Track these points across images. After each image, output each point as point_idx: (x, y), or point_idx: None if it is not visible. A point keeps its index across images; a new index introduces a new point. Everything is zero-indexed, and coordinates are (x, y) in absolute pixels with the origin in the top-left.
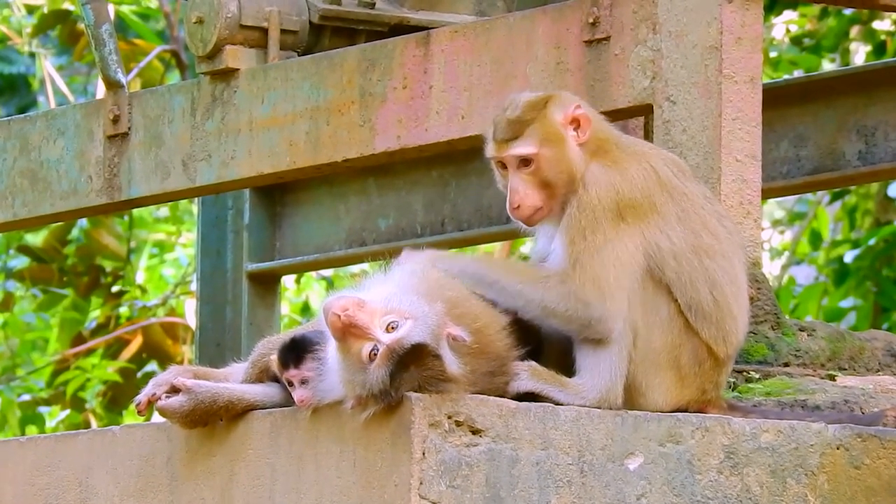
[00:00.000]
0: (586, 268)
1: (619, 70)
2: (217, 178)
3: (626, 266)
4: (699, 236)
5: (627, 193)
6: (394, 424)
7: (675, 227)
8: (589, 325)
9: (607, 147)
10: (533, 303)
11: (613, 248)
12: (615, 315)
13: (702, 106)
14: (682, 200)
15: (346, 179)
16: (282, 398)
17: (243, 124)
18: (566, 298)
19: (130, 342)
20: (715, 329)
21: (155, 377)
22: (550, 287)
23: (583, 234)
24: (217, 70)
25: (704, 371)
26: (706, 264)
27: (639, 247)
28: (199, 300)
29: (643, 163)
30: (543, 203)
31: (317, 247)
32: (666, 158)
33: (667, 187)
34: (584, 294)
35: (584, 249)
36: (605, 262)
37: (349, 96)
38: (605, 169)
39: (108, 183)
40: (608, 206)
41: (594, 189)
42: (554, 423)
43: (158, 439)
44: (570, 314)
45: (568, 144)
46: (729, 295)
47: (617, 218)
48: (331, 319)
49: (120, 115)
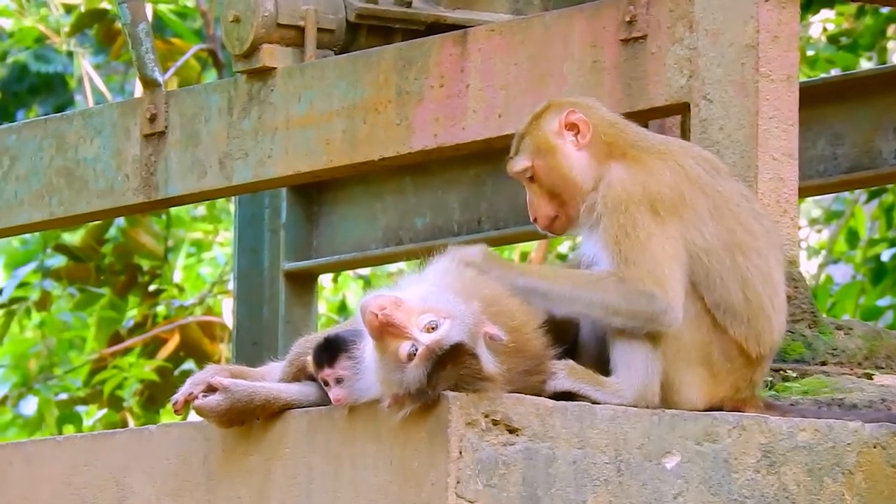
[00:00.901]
0: (639, 263)
1: (656, 68)
2: (254, 177)
3: (675, 258)
4: (733, 232)
5: (655, 188)
6: (431, 423)
7: (707, 222)
8: (654, 317)
9: (623, 147)
10: (594, 305)
11: (659, 241)
12: (678, 305)
13: (738, 104)
14: (714, 196)
15: (383, 178)
16: (319, 397)
17: (280, 123)
18: (628, 295)
19: (167, 341)
20: (746, 327)
21: (192, 376)
22: (609, 287)
23: (624, 232)
24: (254, 69)
25: (736, 368)
26: (739, 262)
27: (680, 240)
28: (236, 299)
29: (668, 160)
30: (557, 212)
31: (353, 245)
32: (697, 156)
33: (697, 183)
34: (646, 287)
35: (631, 246)
36: (656, 254)
37: (386, 95)
38: (628, 167)
39: (144, 182)
40: (640, 201)
41: (620, 186)
42: (591, 422)
43: (195, 438)
44: (635, 309)
45: (562, 152)
46: (762, 293)
47: (652, 212)
48: (368, 318)
49: (157, 114)
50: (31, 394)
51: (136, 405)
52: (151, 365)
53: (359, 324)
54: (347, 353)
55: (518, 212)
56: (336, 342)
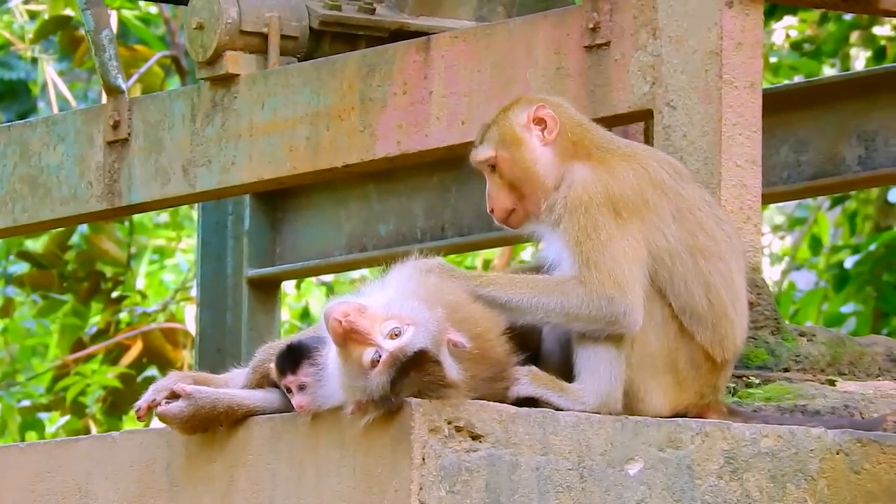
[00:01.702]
0: (600, 265)
1: (620, 75)
2: (217, 184)
3: (636, 259)
4: (695, 236)
5: (618, 190)
6: (394, 430)
7: (670, 225)
8: (615, 321)
9: (588, 148)
10: (554, 311)
11: (620, 243)
12: (638, 307)
13: (702, 111)
14: (677, 200)
15: (347, 185)
16: (282, 404)
17: (243, 130)
18: (588, 299)
19: (130, 348)
20: (711, 333)
21: (155, 383)
22: (569, 292)
23: (585, 234)
24: (217, 76)
25: (702, 375)
26: (701, 265)
27: (641, 242)
28: (200, 305)
29: (632, 163)
30: (515, 205)
31: (317, 252)
32: (660, 159)
33: (660, 186)
34: (605, 291)
35: (591, 248)
36: (616, 256)
37: (349, 102)
38: (591, 168)
39: (108, 188)
40: (601, 203)
41: (581, 187)
42: (554, 429)
43: (158, 445)
44: (595, 314)
45: (528, 145)
46: (725, 298)
47: (614, 214)
48: (332, 325)
49: (120, 121)
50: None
51: (99, 412)
52: (114, 371)
53: (322, 330)
54: (310, 359)
55: (482, 218)
56: (299, 349)
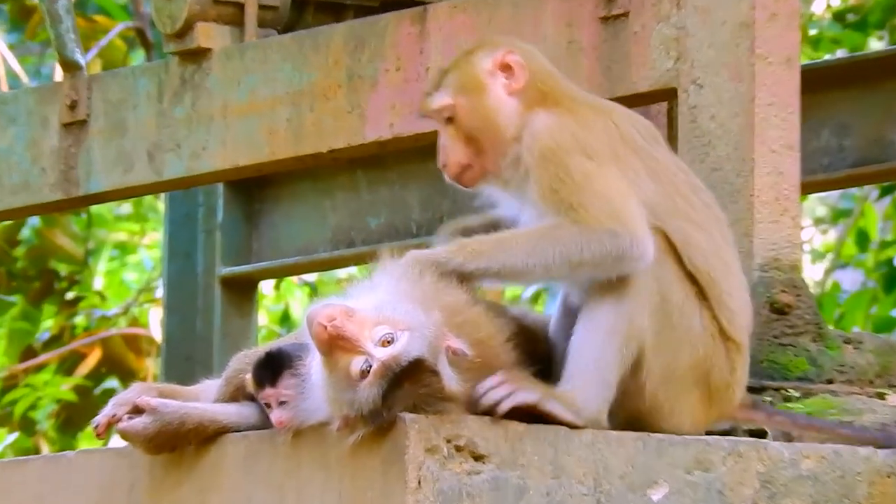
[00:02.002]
0: (586, 204)
1: (640, 50)
2: (187, 172)
3: (627, 195)
4: (673, 200)
5: (584, 139)
6: (385, 449)
7: (647, 182)
8: (623, 255)
9: (557, 98)
10: (554, 265)
11: (602, 179)
12: (643, 236)
13: (732, 90)
14: (649, 161)
15: (333, 173)
16: (259, 420)
17: (216, 111)
18: (587, 240)
19: (87, 356)
20: (716, 309)
21: (115, 396)
22: (562, 237)
23: (559, 180)
24: (187, 50)
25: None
26: (687, 230)
27: (624, 181)
28: (166, 309)
29: (602, 116)
30: (471, 160)
31: (299, 248)
32: (633, 119)
33: (631, 144)
34: (603, 225)
35: (571, 192)
36: (602, 191)
37: (336, 79)
38: (556, 115)
39: (63, 176)
40: (570, 149)
41: (547, 134)
42: (567, 448)
43: (119, 466)
44: (598, 253)
45: (491, 92)
46: (719, 270)
47: (586, 157)
48: (316, 331)
49: (78, 101)
50: None
51: (52, 429)
52: (69, 383)
53: (305, 337)
54: (291, 370)
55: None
56: (279, 358)
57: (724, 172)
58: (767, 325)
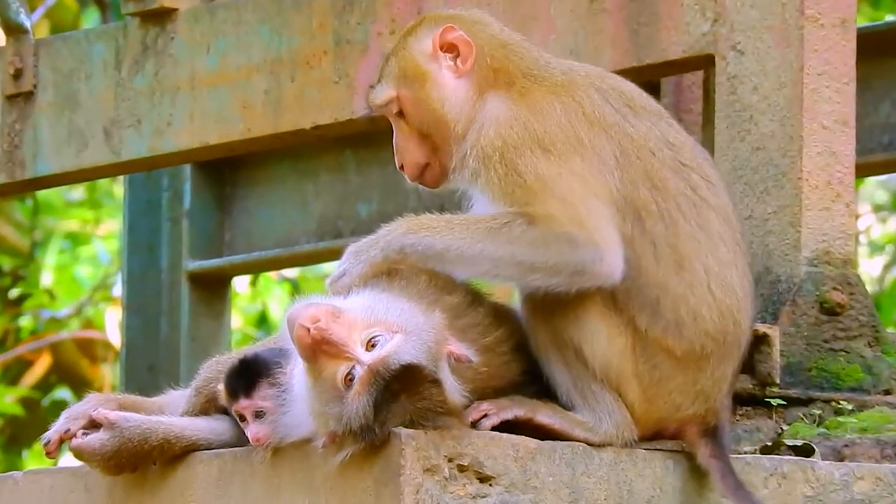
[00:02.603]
0: (542, 207)
1: (671, 10)
2: (149, 151)
3: (593, 193)
4: (636, 188)
5: (540, 128)
6: (378, 469)
7: (613, 171)
8: (582, 268)
9: (512, 76)
10: (503, 261)
11: (563, 178)
12: (611, 247)
13: (778, 57)
14: (621, 139)
15: (316, 152)
16: (233, 436)
17: (183, 81)
18: (542, 241)
19: (35, 363)
20: (660, 318)
21: (68, 408)
22: (516, 235)
23: (511, 181)
24: (149, 10)
25: (665, 378)
26: (647, 227)
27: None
28: (125, 309)
29: (561, 94)
30: (429, 158)
31: (278, 239)
32: (607, 89)
33: (598, 123)
34: (562, 229)
35: (525, 192)
36: (562, 192)
37: (320, 44)
38: (507, 102)
39: (7, 156)
40: (520, 144)
41: (493, 128)
42: (585, 468)
43: (73, 488)
44: (554, 261)
45: (435, 79)
46: (668, 268)
47: (542, 150)
48: (298, 334)
49: (23, 69)
50: None
51: None
52: (13, 394)
53: (285, 341)
54: (270, 379)
55: None
56: (255, 365)
57: (767, 152)
58: (816, 327)
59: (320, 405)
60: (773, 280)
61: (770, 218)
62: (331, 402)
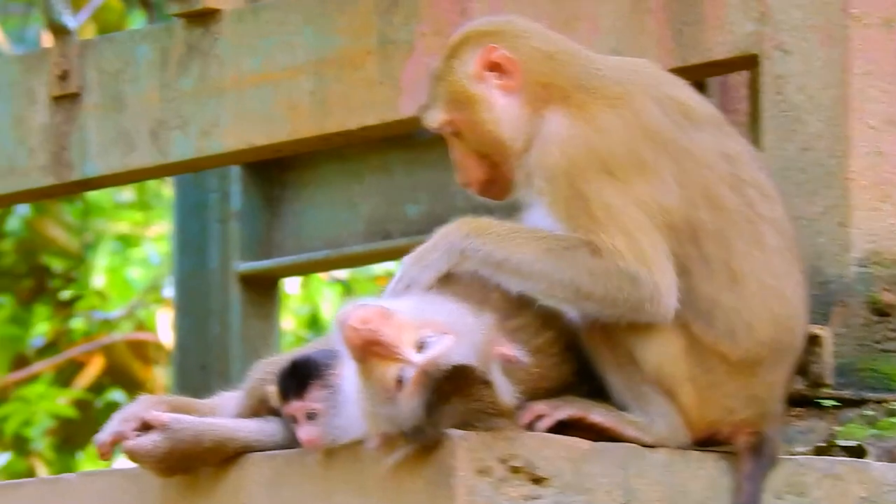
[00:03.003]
0: (607, 238)
1: (716, 10)
2: (196, 152)
3: (655, 227)
4: (695, 208)
5: (604, 146)
6: (430, 471)
7: (674, 191)
8: (639, 306)
9: (564, 89)
10: (561, 284)
11: (627, 209)
12: (669, 288)
13: (823, 57)
14: (679, 155)
15: (363, 153)
16: (284, 437)
17: (228, 82)
18: (605, 275)
19: (87, 365)
20: (717, 324)
21: (121, 410)
22: (580, 262)
23: (576, 206)
24: (193, 11)
25: (720, 381)
26: (706, 251)
27: (653, 204)
28: (176, 310)
29: (620, 107)
30: (491, 174)
31: (327, 241)
32: (663, 97)
33: (657, 138)
34: (627, 266)
35: (591, 222)
36: (626, 225)
37: (365, 45)
38: (568, 120)
39: (54, 158)
40: (586, 167)
41: (558, 149)
42: (638, 469)
43: (127, 490)
44: (613, 296)
45: (485, 102)
46: (723, 283)
47: (607, 174)
48: (347, 335)
49: (69, 71)
50: None
51: (49, 448)
52: (67, 396)
53: (336, 342)
54: (321, 380)
55: None
56: (306, 366)
57: (815, 153)
58: (867, 328)
59: (371, 407)
60: (822, 281)
61: (819, 218)
62: (382, 404)
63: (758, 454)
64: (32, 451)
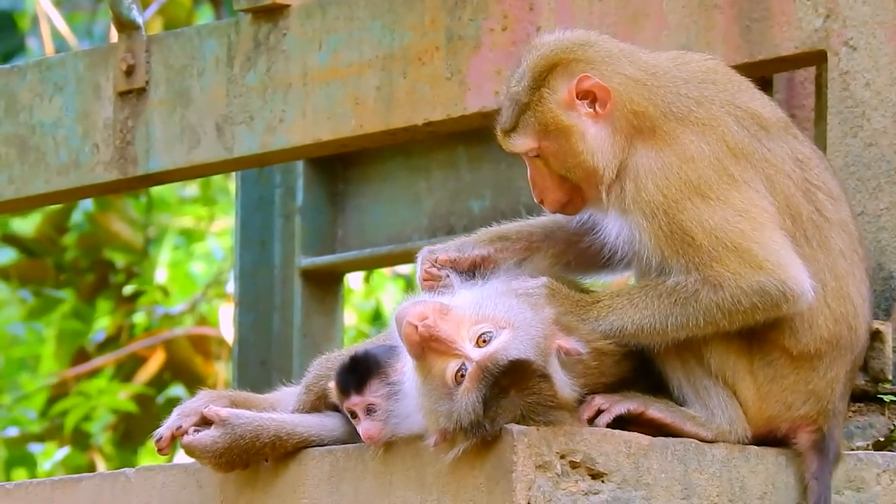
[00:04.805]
0: (717, 263)
1: (783, 6)
2: (261, 147)
3: (761, 223)
4: (783, 217)
5: (695, 174)
6: (490, 466)
7: (766, 196)
8: (777, 304)
9: (653, 119)
10: (698, 324)
11: (724, 223)
12: (797, 275)
13: (890, 53)
14: (762, 166)
15: (428, 149)
16: (344, 432)
17: (295, 77)
18: (731, 300)
19: (148, 360)
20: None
21: (180, 405)
22: (705, 303)
23: (678, 240)
24: (261, 6)
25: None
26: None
27: (755, 202)
28: (238, 305)
29: (706, 133)
30: (569, 196)
31: (390, 236)
32: (741, 114)
33: (742, 154)
34: (746, 279)
35: (698, 252)
36: (730, 237)
37: (432, 40)
38: (657, 152)
39: (119, 153)
40: (679, 197)
41: (652, 182)
42: (698, 464)
43: (186, 485)
44: (749, 309)
45: (577, 130)
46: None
47: (700, 198)
48: (406, 331)
49: (135, 66)
50: None
51: (108, 443)
52: (127, 391)
53: (395, 338)
54: (381, 376)
55: None
56: (366, 362)
57: (880, 148)
58: None
59: (430, 402)
60: (885, 276)
61: (882, 214)
62: (441, 399)
63: (822, 452)
64: (92, 446)
